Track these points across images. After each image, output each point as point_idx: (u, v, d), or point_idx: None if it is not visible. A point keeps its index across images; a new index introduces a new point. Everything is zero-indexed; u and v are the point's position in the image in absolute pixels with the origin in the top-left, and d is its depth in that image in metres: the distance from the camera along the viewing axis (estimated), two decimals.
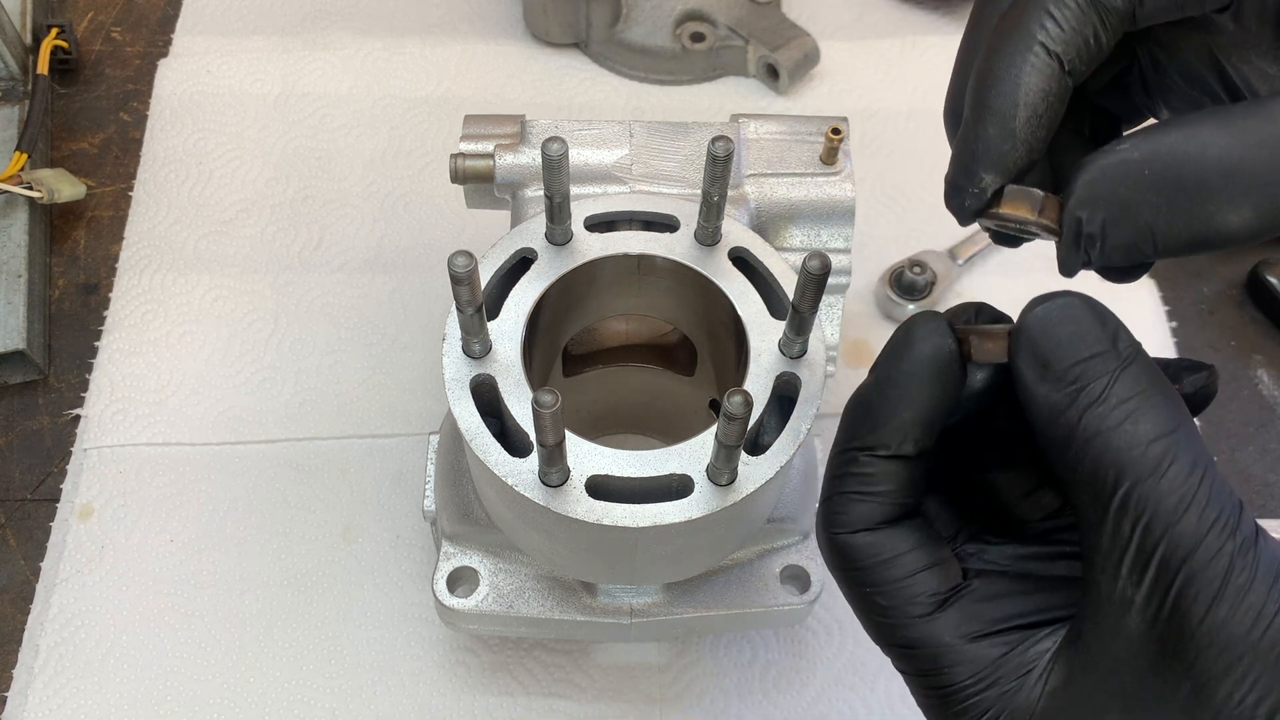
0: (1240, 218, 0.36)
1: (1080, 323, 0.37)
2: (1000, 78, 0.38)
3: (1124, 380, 0.35)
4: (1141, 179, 0.37)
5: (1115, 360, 0.36)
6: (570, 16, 0.97)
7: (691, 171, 0.66)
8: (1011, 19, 0.39)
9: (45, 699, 0.70)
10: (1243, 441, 0.83)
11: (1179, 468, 0.34)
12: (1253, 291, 0.89)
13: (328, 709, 0.70)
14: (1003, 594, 0.40)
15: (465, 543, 0.64)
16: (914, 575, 0.39)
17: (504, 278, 0.57)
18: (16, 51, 0.91)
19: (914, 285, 0.85)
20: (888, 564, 0.40)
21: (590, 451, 0.52)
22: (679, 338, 0.68)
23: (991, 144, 0.39)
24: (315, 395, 0.82)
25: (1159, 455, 0.34)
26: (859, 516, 0.40)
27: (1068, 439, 0.36)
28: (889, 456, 0.40)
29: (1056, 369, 0.36)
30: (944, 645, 0.38)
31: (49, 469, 0.79)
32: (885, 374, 0.41)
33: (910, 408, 0.40)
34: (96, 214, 0.90)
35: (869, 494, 0.40)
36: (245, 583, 0.74)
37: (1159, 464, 0.34)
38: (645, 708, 0.71)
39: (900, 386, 0.40)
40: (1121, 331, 0.37)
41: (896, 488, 0.40)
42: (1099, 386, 0.35)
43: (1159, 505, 0.34)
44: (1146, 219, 0.37)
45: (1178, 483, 0.34)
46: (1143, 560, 0.34)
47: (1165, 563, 0.34)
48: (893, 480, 0.40)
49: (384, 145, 0.94)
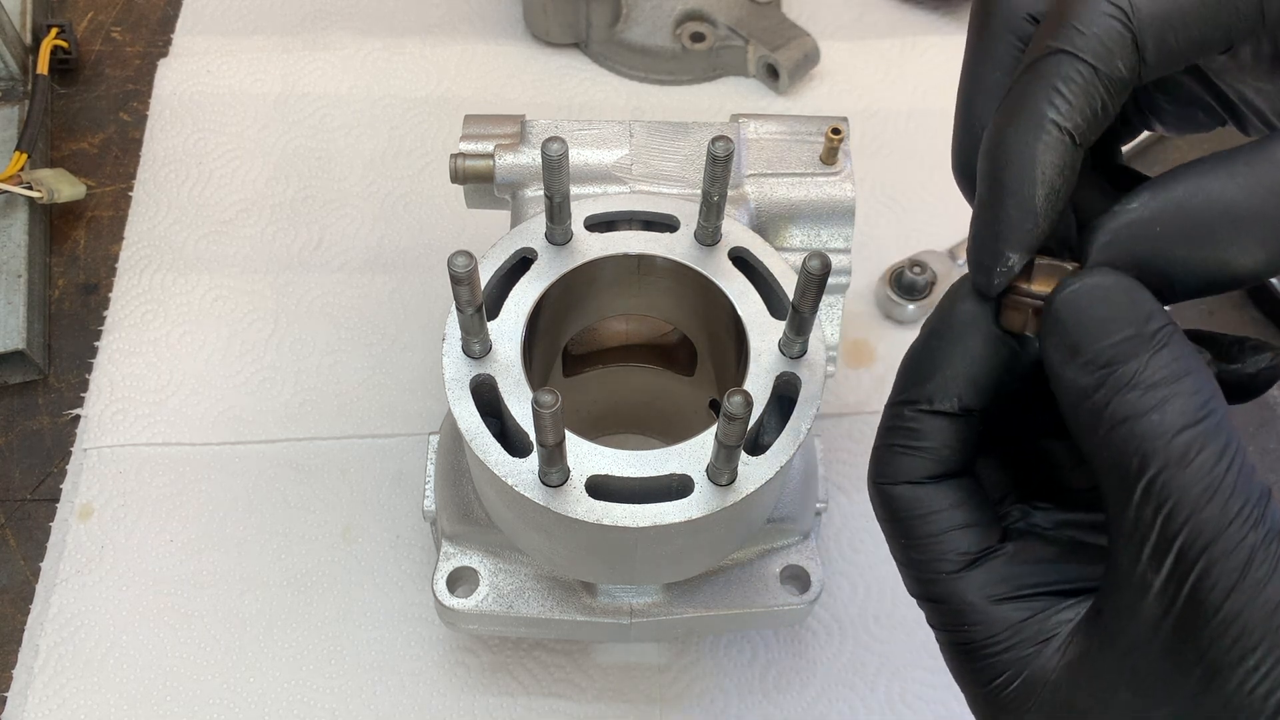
0: (1252, 260, 0.37)
1: (1111, 304, 0.36)
2: (1015, 159, 0.38)
3: (1154, 365, 0.35)
4: (1153, 235, 0.37)
5: (1145, 344, 0.35)
6: (570, 16, 0.97)
7: (691, 171, 0.66)
8: (1019, 97, 0.39)
9: (45, 699, 0.70)
10: (1242, 441, 0.83)
11: (1205, 456, 0.34)
12: (1253, 291, 0.89)
13: (328, 709, 0.70)
14: (1036, 559, 0.40)
15: (465, 543, 0.64)
16: (949, 532, 0.40)
17: (504, 278, 0.57)
18: (16, 51, 0.91)
19: (914, 285, 0.85)
20: (925, 519, 0.40)
21: (590, 451, 0.52)
22: (679, 338, 0.68)
23: (1014, 224, 0.39)
24: (315, 395, 0.82)
25: (1186, 444, 0.34)
26: (902, 469, 0.41)
27: (1094, 424, 0.36)
28: (934, 412, 0.40)
29: (1085, 353, 0.36)
30: (967, 603, 0.39)
31: (49, 469, 0.79)
32: (931, 330, 0.41)
33: (952, 365, 0.40)
34: (96, 214, 0.90)
35: (913, 448, 0.41)
36: (245, 583, 0.74)
37: (1185, 452, 0.34)
38: (645, 708, 0.71)
39: (944, 345, 0.41)
40: (1156, 312, 0.36)
41: (940, 444, 0.40)
42: (1128, 371, 0.35)
43: (1183, 494, 0.34)
44: (1161, 270, 0.37)
45: (1203, 472, 0.34)
46: (1163, 547, 0.34)
47: (1185, 551, 0.34)
48: (937, 437, 0.40)
49: (384, 145, 0.94)
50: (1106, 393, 0.35)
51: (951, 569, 0.40)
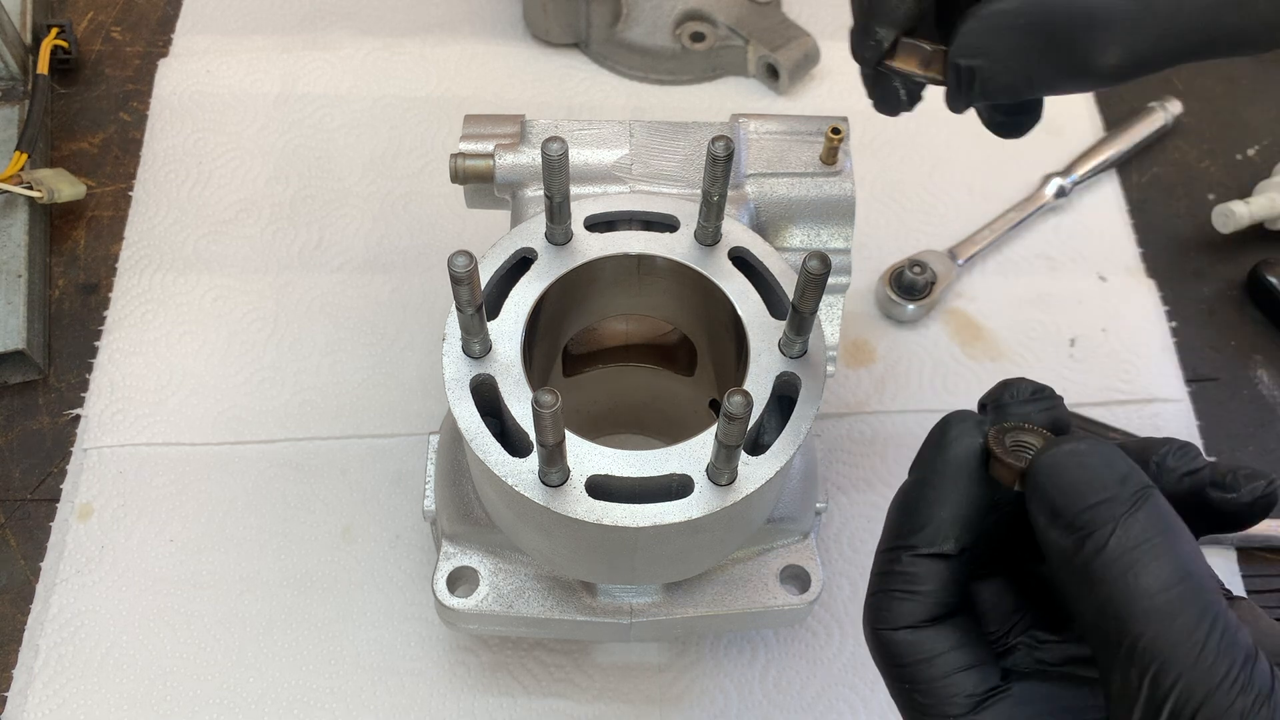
0: (1111, 58, 0.39)
1: (1088, 468, 0.37)
2: None
3: (1129, 526, 0.36)
4: (1017, 26, 0.40)
5: (1122, 506, 0.36)
6: (570, 16, 0.97)
7: (692, 171, 0.66)
8: None
9: (45, 699, 0.70)
10: (1243, 441, 0.83)
11: (1185, 620, 0.34)
12: (1253, 291, 0.89)
13: (328, 709, 0.70)
14: (1042, 698, 0.40)
15: (465, 543, 0.64)
16: (952, 675, 0.40)
17: (504, 278, 0.57)
18: (16, 51, 0.91)
19: (914, 285, 0.85)
20: (928, 663, 0.40)
21: (590, 451, 0.52)
22: (679, 338, 0.68)
23: (884, 2, 0.44)
24: (315, 395, 0.82)
25: (1164, 606, 0.34)
26: (902, 614, 0.41)
27: (1078, 583, 0.36)
28: (930, 555, 0.41)
29: (1064, 515, 0.37)
30: None
31: (49, 469, 0.79)
32: (922, 474, 0.42)
33: (948, 507, 0.41)
34: (96, 214, 0.90)
35: (911, 592, 0.41)
36: (245, 583, 0.74)
37: (1166, 615, 0.34)
38: (645, 708, 0.71)
39: (937, 487, 0.41)
40: (1132, 474, 0.37)
41: (938, 587, 0.41)
42: (1103, 534, 0.36)
43: (1167, 657, 0.34)
44: (1022, 62, 0.40)
45: (1184, 635, 0.34)
46: (1153, 709, 0.34)
47: (1176, 716, 0.34)
48: (935, 580, 0.41)
49: (384, 145, 0.94)
50: (1086, 555, 0.36)
51: (959, 711, 0.40)
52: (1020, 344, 0.86)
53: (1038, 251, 0.91)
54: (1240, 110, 1.00)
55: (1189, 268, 0.91)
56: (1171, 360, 0.86)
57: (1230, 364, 0.87)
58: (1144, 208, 0.94)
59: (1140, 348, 0.87)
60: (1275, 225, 0.91)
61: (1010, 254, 0.91)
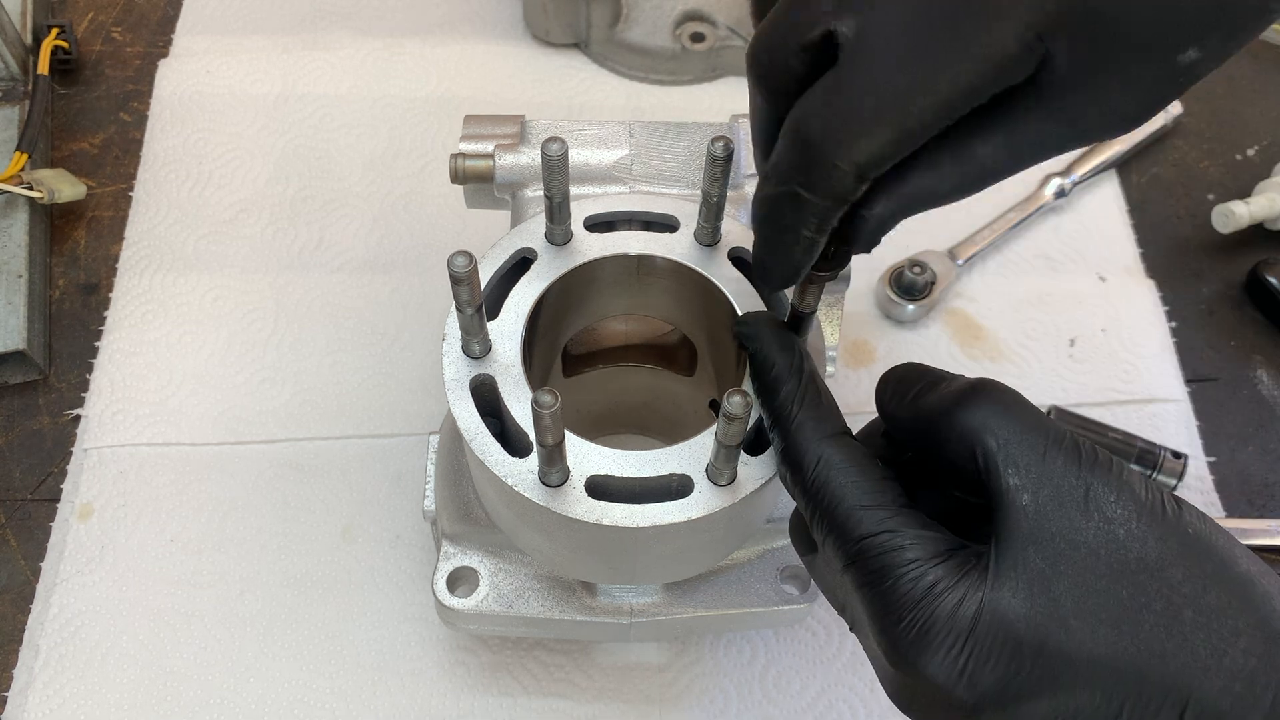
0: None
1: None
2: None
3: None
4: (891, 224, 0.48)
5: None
6: (570, 16, 0.97)
7: (691, 171, 0.66)
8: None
9: (45, 699, 0.70)
10: (1243, 441, 0.83)
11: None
12: (1252, 291, 0.89)
13: (328, 709, 0.70)
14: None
15: (465, 542, 0.64)
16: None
17: (504, 278, 0.57)
18: (17, 51, 0.91)
19: (914, 285, 0.85)
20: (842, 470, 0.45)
21: (590, 451, 0.52)
22: (679, 338, 0.68)
23: (776, 277, 0.49)
24: (315, 395, 0.82)
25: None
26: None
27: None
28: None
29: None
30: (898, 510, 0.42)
31: (49, 469, 0.79)
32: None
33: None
34: (96, 214, 0.90)
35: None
36: (245, 583, 0.74)
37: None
38: (645, 708, 0.71)
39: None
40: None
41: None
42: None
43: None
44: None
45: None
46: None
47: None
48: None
49: (384, 145, 0.94)
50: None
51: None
52: (1020, 344, 0.86)
53: (1037, 252, 0.91)
54: (1240, 110, 1.00)
55: (1189, 268, 0.91)
56: (1171, 360, 0.86)
57: (1230, 364, 0.87)
58: (1144, 208, 0.94)
59: (1140, 348, 0.87)
60: (1275, 225, 0.91)
61: (1010, 254, 0.91)
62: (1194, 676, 0.36)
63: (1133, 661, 0.37)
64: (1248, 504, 0.81)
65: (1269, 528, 0.78)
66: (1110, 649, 0.37)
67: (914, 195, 0.44)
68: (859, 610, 0.43)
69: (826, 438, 0.45)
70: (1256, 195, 0.90)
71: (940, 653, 0.39)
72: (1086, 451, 0.40)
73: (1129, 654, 0.37)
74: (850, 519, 0.42)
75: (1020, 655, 0.38)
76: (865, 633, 0.43)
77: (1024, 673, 0.38)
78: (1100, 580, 0.38)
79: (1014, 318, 0.88)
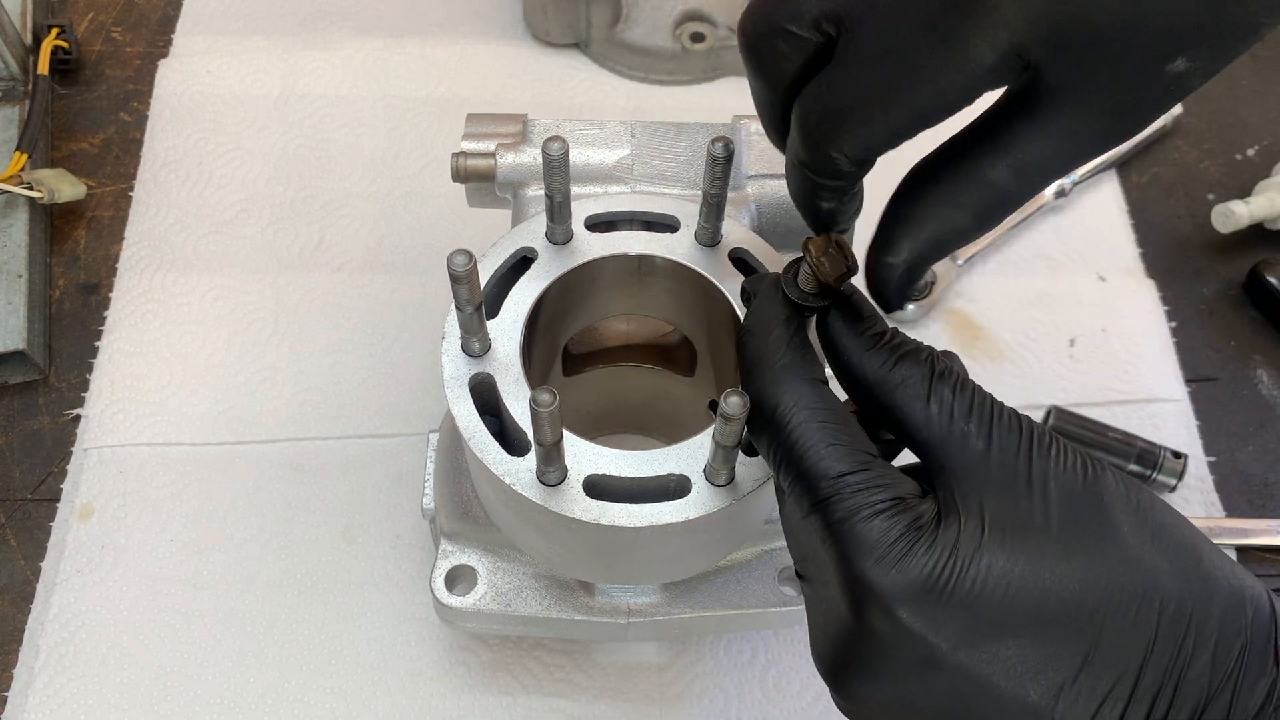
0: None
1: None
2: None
3: None
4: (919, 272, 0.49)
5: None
6: (570, 17, 0.97)
7: (692, 172, 0.66)
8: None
9: (45, 699, 0.70)
10: (1243, 441, 0.83)
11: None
12: (1252, 291, 0.89)
13: (328, 709, 0.70)
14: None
15: (464, 541, 0.64)
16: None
17: (504, 277, 0.57)
18: (17, 51, 0.91)
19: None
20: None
21: (588, 451, 0.52)
22: (679, 338, 0.68)
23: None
24: (315, 395, 0.82)
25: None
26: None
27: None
28: None
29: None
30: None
31: (49, 469, 0.79)
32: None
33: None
34: (96, 214, 0.90)
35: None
36: (245, 583, 0.74)
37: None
38: (645, 708, 0.71)
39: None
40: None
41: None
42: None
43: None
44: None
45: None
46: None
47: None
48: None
49: (384, 145, 0.94)
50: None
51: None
52: (1020, 344, 0.86)
53: (1037, 251, 0.91)
54: (1240, 110, 1.00)
55: (1189, 268, 0.91)
56: (1171, 360, 0.86)
57: (1230, 364, 0.87)
58: (1143, 208, 0.94)
59: (1140, 348, 0.87)
60: (1275, 225, 0.91)
61: (1010, 254, 0.91)
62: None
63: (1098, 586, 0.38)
64: (1247, 504, 0.81)
65: (1269, 527, 0.78)
66: (1078, 585, 0.38)
67: (936, 237, 0.46)
68: (823, 555, 0.41)
69: (807, 379, 0.45)
70: (1256, 195, 0.90)
71: (916, 593, 0.38)
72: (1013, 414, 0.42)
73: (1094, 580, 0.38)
74: (826, 457, 0.42)
75: (991, 597, 0.38)
76: (823, 584, 0.42)
77: (993, 615, 0.38)
78: (1055, 519, 0.39)
79: (1014, 318, 0.88)
